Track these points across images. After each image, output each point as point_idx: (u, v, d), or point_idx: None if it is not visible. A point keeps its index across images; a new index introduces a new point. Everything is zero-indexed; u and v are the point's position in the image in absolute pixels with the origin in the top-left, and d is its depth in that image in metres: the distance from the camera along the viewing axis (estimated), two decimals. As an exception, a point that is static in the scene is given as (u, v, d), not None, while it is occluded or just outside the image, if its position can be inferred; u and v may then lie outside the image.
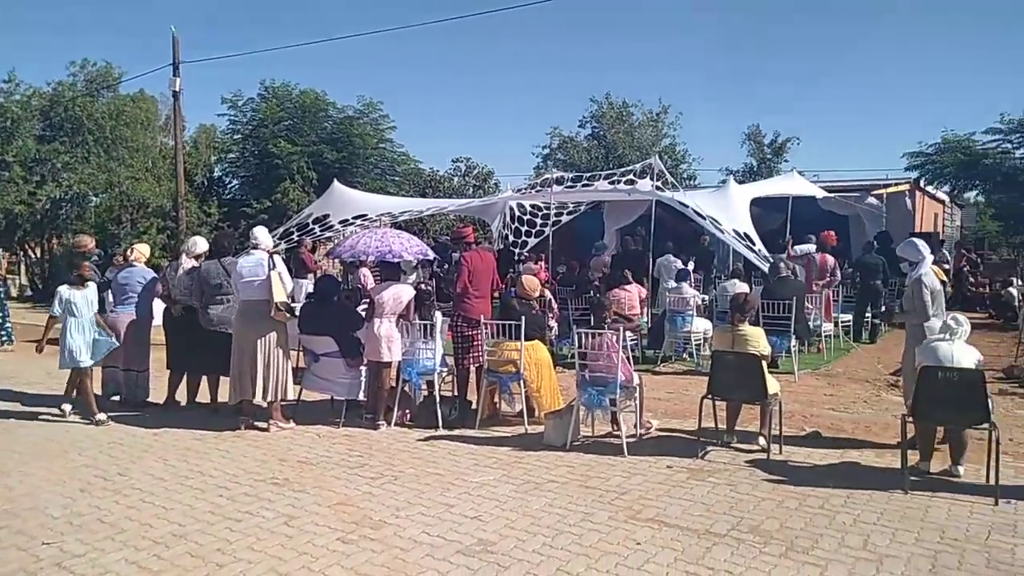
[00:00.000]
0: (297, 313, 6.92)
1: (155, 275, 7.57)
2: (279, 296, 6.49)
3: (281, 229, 13.94)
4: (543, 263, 13.68)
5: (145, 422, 6.87)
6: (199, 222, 19.83)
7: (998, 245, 22.80)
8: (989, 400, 5.05)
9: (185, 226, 18.30)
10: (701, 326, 9.81)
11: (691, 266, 12.49)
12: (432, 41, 77.50)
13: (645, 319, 10.71)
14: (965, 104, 60.91)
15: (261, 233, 6.89)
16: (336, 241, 15.06)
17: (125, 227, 19.70)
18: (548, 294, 10.60)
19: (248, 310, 6.54)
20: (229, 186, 23.79)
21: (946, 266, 17.61)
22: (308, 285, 12.02)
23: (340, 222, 13.65)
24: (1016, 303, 13.30)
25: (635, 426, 6.33)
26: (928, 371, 5.17)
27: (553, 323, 10.15)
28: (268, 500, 4.93)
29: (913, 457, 5.37)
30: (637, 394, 6.27)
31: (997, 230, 21.47)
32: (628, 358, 6.44)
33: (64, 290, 6.82)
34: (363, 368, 6.90)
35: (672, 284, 10.78)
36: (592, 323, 6.53)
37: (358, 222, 13.47)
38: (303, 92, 21.75)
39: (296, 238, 13.59)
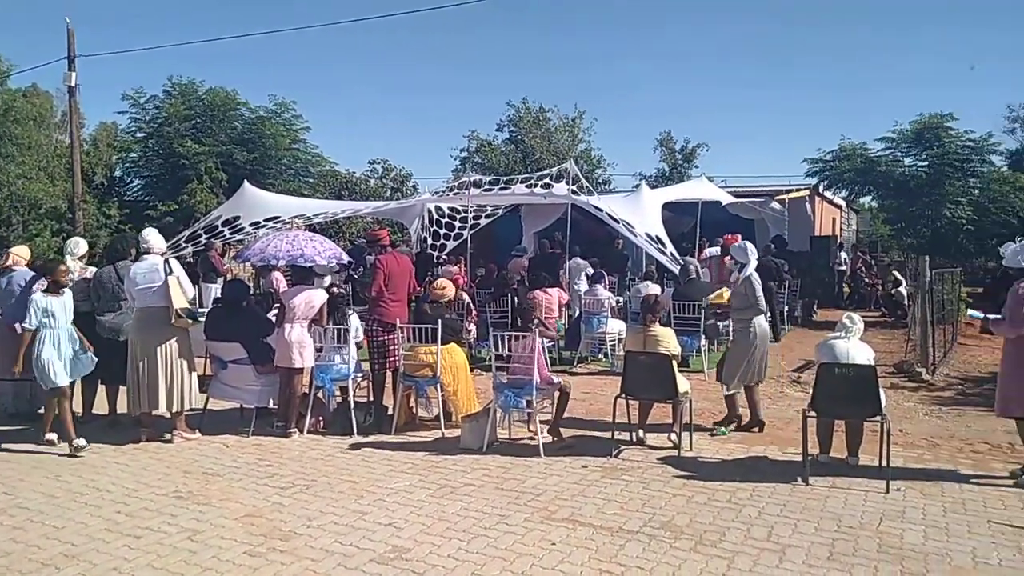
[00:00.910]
0: (201, 319, 6.64)
1: (36, 275, 7.03)
2: (179, 302, 6.19)
3: (188, 232, 13.40)
4: (462, 266, 13.66)
5: (37, 435, 6.43)
6: (98, 224, 18.81)
7: (890, 248, 24.28)
8: (881, 394, 5.35)
9: (83, 228, 17.31)
10: (616, 327, 10.00)
11: (589, 270, 12.62)
12: (348, 40, 76.15)
13: (563, 321, 10.83)
14: (864, 114, 64.65)
15: (152, 236, 6.54)
16: (246, 244, 14.57)
17: (16, 229, 18.47)
18: (466, 297, 10.59)
19: (146, 317, 6.22)
20: (131, 187, 22.67)
21: (843, 268, 18.68)
22: (217, 290, 11.57)
23: (251, 224, 13.21)
24: (905, 302, 14.17)
25: (549, 431, 6.34)
26: (825, 368, 5.44)
27: (471, 326, 10.15)
28: (170, 515, 4.71)
29: (814, 449, 5.63)
30: (557, 396, 6.31)
31: (889, 233, 22.84)
32: (547, 360, 6.49)
33: (40, 298, 6.01)
34: (274, 375, 6.69)
35: (583, 286, 10.96)
36: (519, 325, 6.49)
37: (270, 224, 13.08)
38: (211, 90, 20.98)
39: (204, 241, 13.08)
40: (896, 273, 15.90)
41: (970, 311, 6.26)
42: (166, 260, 6.33)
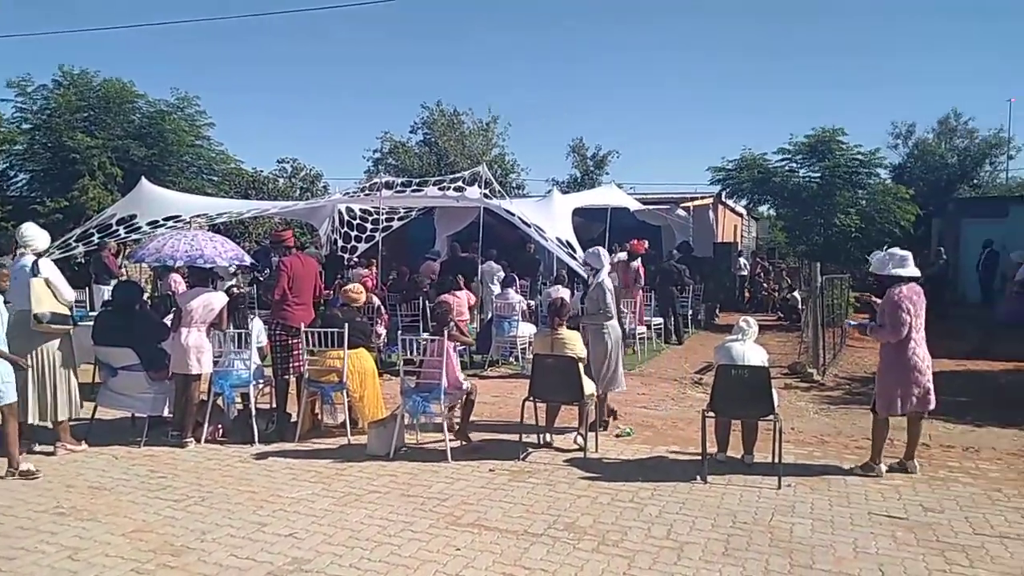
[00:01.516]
0: (89, 323, 6.25)
1: None
2: (41, 306, 5.77)
3: (79, 230, 12.60)
4: (373, 268, 13.46)
5: None
6: (-24, 221, 17.45)
7: (786, 254, 25.51)
8: (774, 394, 5.61)
9: (-42, 225, 16.02)
10: (526, 331, 10.08)
11: (501, 274, 12.71)
12: (255, 36, 73.85)
13: (474, 324, 10.83)
14: (766, 124, 67.72)
15: (30, 231, 6.03)
16: (142, 244, 13.87)
17: None
18: (376, 300, 10.43)
19: (20, 321, 5.78)
20: (15, 181, 21.14)
21: (744, 273, 19.51)
22: (109, 292, 10.96)
23: (149, 224, 12.54)
24: (799, 306, 14.91)
25: (456, 435, 6.33)
26: (723, 369, 5.66)
27: (382, 330, 10.01)
28: (50, 533, 4.41)
29: (713, 448, 5.84)
30: (466, 400, 6.30)
31: (785, 241, 24.00)
32: (457, 364, 6.46)
33: None
34: (168, 382, 6.38)
35: (496, 290, 11.00)
36: (434, 328, 6.39)
37: (170, 224, 12.48)
38: (107, 81, 19.83)
39: (97, 240, 12.35)
40: (788, 279, 16.72)
41: (847, 321, 6.67)
42: (35, 260, 5.90)
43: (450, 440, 6.05)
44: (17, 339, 5.71)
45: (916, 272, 5.71)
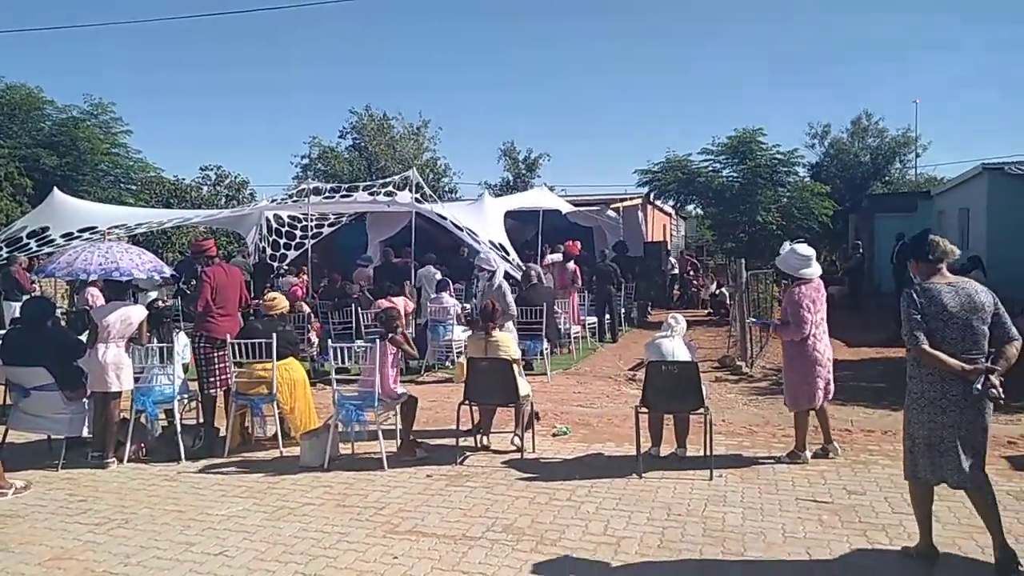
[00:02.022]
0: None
1: None
2: None
3: (-14, 245, 11.93)
4: (303, 276, 13.18)
5: None
6: None
7: (714, 252, 26.26)
8: (704, 388, 5.74)
9: None
10: (462, 335, 10.05)
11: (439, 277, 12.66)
12: (176, 38, 71.40)
13: (410, 330, 10.72)
14: (690, 126, 69.52)
15: None
16: (54, 257, 13.22)
17: None
18: (307, 308, 10.22)
19: None
20: (-87, 194, 19.87)
21: (674, 271, 19.97)
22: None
23: (63, 236, 12.00)
24: (728, 301, 15.35)
25: (400, 449, 6.19)
26: (653, 366, 5.76)
27: (315, 338, 9.81)
28: (-44, 567, 4.14)
29: (647, 443, 5.94)
30: (404, 409, 6.19)
31: (712, 239, 24.69)
32: (395, 372, 6.37)
33: None
34: (86, 400, 6.08)
35: (433, 294, 10.93)
36: (381, 334, 6.22)
37: (85, 236, 11.93)
38: (10, 87, 18.89)
39: (6, 255, 11.71)
40: (715, 275, 17.18)
41: (750, 319, 6.85)
42: None
43: (386, 449, 5.96)
44: None
45: (818, 271, 5.84)
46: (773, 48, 69.48)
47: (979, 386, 3.65)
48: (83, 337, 6.51)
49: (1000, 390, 3.65)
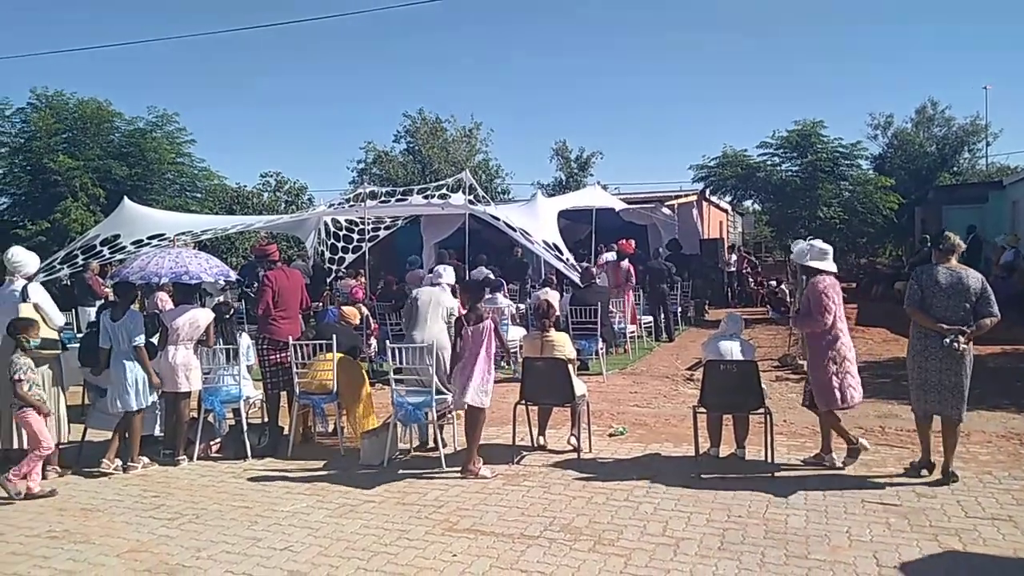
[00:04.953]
0: (67, 347, 6.20)
1: None
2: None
3: (63, 252, 12.53)
4: (361, 279, 13.42)
5: None
6: (-41, 247, 17.29)
7: (773, 248, 25.70)
8: (763, 387, 5.63)
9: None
10: (517, 334, 10.07)
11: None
12: (232, 51, 73.64)
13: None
14: (744, 122, 68.21)
15: (19, 256, 6.01)
16: (126, 263, 13.79)
17: None
18: (365, 310, 10.42)
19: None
20: (-5, 205, 21.02)
21: (731, 269, 19.60)
22: (94, 313, 10.86)
23: (133, 243, 12.50)
24: (788, 299, 15.02)
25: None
26: (711, 365, 5.68)
27: (372, 339, 9.99)
28: (43, 557, 4.37)
29: (706, 444, 5.86)
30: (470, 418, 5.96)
31: (771, 235, 24.16)
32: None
33: None
34: (157, 400, 6.33)
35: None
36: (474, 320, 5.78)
37: (154, 242, 12.42)
38: (82, 102, 19.75)
39: (81, 262, 12.27)
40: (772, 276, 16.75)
41: (771, 313, 6.68)
42: (25, 285, 5.86)
43: (443, 448, 6.03)
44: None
45: (834, 267, 5.65)
46: (831, 38, 67.52)
47: (946, 340, 5.01)
48: (154, 340, 6.78)
49: (960, 344, 5.00)
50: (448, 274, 7.06)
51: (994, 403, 7.25)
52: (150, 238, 12.50)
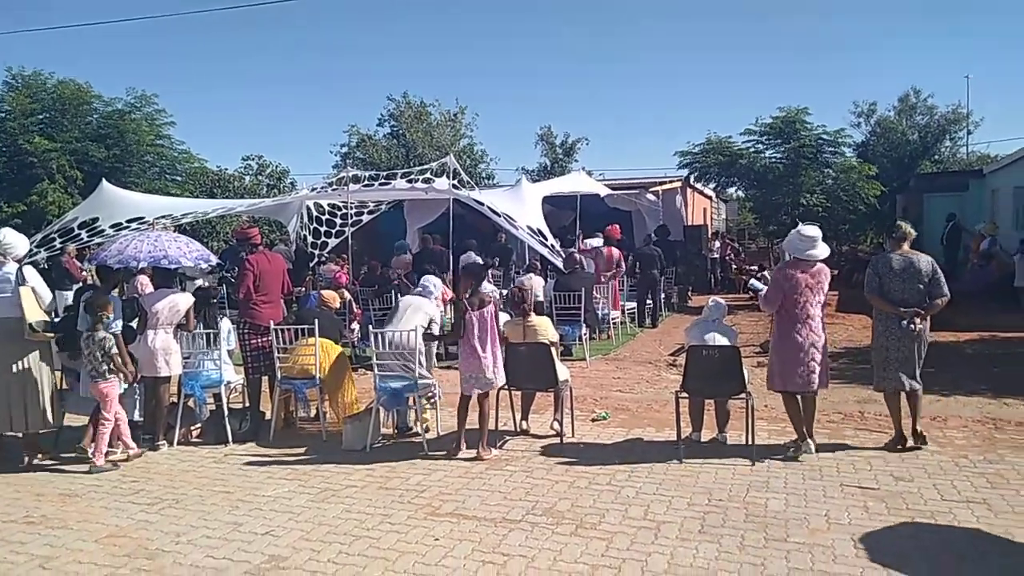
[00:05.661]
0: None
1: None
2: (33, 315, 5.66)
3: (40, 235, 12.32)
4: (344, 263, 13.33)
5: None
6: (-69, 229, 16.97)
7: (756, 235, 25.79)
8: (745, 373, 5.67)
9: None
10: (502, 319, 10.05)
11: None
12: (213, 31, 72.45)
13: (448, 316, 10.78)
14: (729, 108, 68.32)
15: (9, 237, 5.85)
16: (104, 246, 13.60)
17: None
18: (348, 295, 10.36)
19: (2, 330, 5.64)
20: (-31, 187, 20.62)
21: (715, 255, 19.67)
22: (71, 297, 10.71)
23: (112, 226, 12.30)
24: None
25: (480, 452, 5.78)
26: (693, 350, 5.71)
27: (355, 324, 9.94)
28: (19, 543, 4.32)
29: (688, 429, 5.90)
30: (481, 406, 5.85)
31: (754, 222, 24.23)
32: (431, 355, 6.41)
33: None
34: (137, 385, 6.27)
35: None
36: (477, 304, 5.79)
37: (133, 225, 12.24)
38: (60, 82, 19.39)
39: (59, 245, 12.08)
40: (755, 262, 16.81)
41: (752, 282, 6.69)
42: (19, 268, 5.77)
43: (427, 435, 6.02)
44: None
45: (824, 252, 5.63)
46: (814, 25, 67.65)
47: (904, 322, 5.44)
48: (133, 324, 6.69)
49: (916, 325, 5.44)
50: (436, 287, 7.07)
51: (971, 389, 7.34)
52: (129, 221, 12.30)
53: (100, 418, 5.72)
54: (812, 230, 5.69)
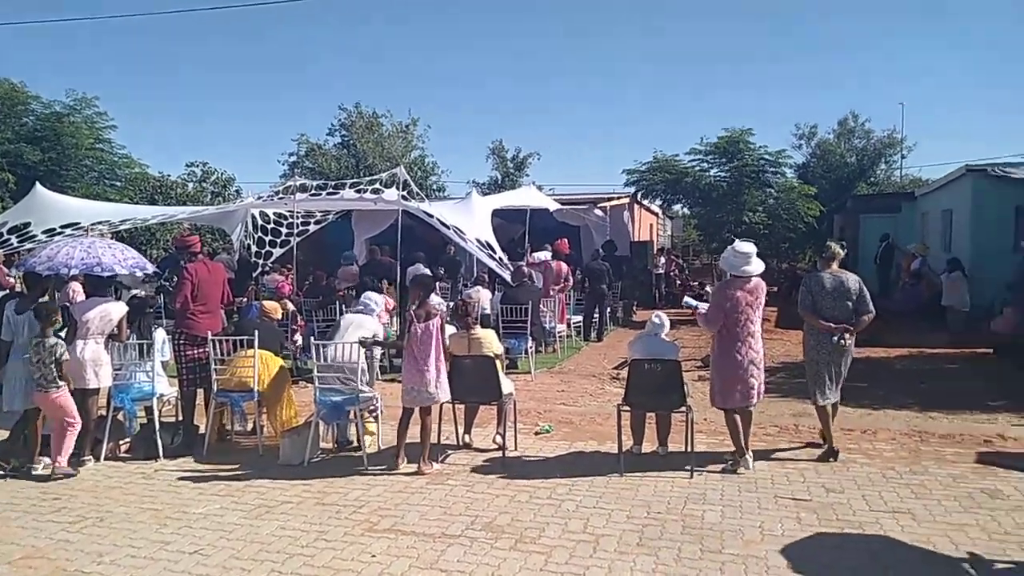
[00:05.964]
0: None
1: None
2: None
3: (-35, 242, 11.79)
4: (288, 274, 13.09)
5: None
6: None
7: (701, 252, 26.33)
8: (686, 386, 5.75)
9: None
10: (448, 332, 9.99)
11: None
12: (161, 35, 70.73)
13: (394, 329, 10.68)
14: (677, 127, 69.72)
15: None
16: (35, 253, 13.07)
17: None
18: (291, 305, 10.17)
19: None
20: None
21: (660, 271, 19.99)
22: None
23: (45, 232, 11.87)
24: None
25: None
26: (636, 364, 5.76)
27: (298, 336, 9.75)
28: (-74, 565, 4.09)
29: (629, 442, 5.94)
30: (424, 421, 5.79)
31: (699, 238, 24.72)
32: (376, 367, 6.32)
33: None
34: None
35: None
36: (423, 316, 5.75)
37: (68, 231, 11.81)
38: (-7, 81, 18.68)
39: (-14, 251, 11.58)
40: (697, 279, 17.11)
41: (686, 299, 6.75)
42: None
43: (368, 448, 5.93)
44: None
45: (759, 268, 5.70)
46: (763, 48, 69.78)
47: (835, 338, 5.68)
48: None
49: (846, 340, 5.68)
50: (378, 303, 7.00)
51: (899, 403, 7.60)
52: (63, 227, 11.88)
53: (65, 424, 5.59)
54: (746, 246, 5.78)
